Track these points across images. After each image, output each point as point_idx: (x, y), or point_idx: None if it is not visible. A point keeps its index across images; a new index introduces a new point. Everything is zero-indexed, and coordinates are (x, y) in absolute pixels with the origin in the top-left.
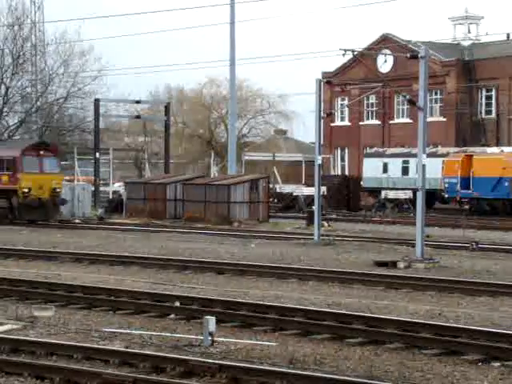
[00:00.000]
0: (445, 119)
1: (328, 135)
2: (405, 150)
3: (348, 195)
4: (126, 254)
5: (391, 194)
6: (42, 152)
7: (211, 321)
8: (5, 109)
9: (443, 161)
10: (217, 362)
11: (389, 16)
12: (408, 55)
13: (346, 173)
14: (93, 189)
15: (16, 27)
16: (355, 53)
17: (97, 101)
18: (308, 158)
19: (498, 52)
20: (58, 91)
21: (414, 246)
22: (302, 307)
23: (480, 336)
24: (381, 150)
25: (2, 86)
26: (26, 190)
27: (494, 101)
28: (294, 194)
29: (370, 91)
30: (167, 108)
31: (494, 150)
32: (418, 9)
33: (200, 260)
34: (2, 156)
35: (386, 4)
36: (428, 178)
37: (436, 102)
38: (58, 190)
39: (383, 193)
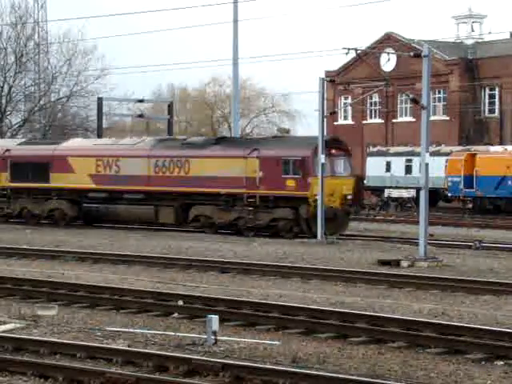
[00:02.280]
0: (448, 118)
1: (331, 134)
2: (408, 149)
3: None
4: (129, 253)
5: (394, 193)
6: (333, 151)
7: (214, 320)
8: (8, 108)
9: (446, 160)
10: (220, 360)
11: (392, 15)
12: (411, 54)
13: None
14: None
15: (19, 26)
16: (358, 52)
17: (100, 100)
18: None
19: (502, 51)
20: (61, 90)
21: (417, 244)
22: (305, 306)
23: (483, 335)
24: (384, 148)
25: (5, 85)
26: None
27: (497, 99)
28: None
29: (373, 90)
30: (170, 107)
31: (498, 148)
32: (422, 7)
33: (203, 259)
34: (288, 156)
35: (389, 3)
36: (431, 176)
37: (439, 101)
38: (349, 197)
39: (386, 191)
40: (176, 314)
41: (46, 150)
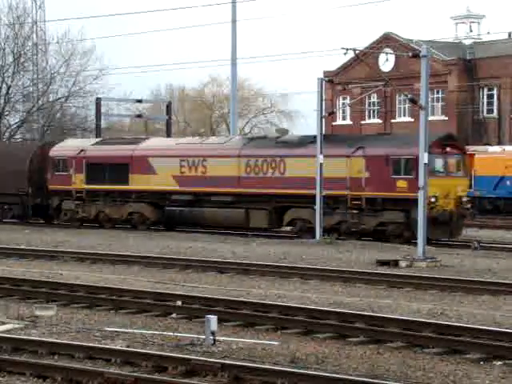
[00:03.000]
0: (446, 118)
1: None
2: None
3: None
4: (129, 254)
5: None
6: (447, 149)
7: (213, 320)
8: (6, 108)
9: None
10: (219, 361)
11: (390, 15)
12: (409, 54)
13: None
14: None
15: (17, 26)
16: (357, 52)
17: (98, 100)
18: None
19: (500, 51)
20: (60, 90)
21: (415, 244)
22: (304, 306)
23: (482, 335)
24: None
25: (4, 85)
26: (433, 200)
27: (495, 100)
28: None
29: (372, 90)
30: (169, 107)
31: (496, 148)
32: (420, 8)
33: (202, 259)
34: (399, 155)
35: (387, 3)
36: None
37: (437, 101)
38: (464, 199)
39: None
40: (175, 315)
41: (125, 150)
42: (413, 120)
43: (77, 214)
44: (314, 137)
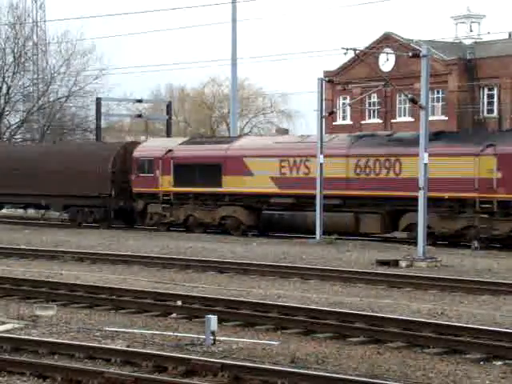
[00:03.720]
0: (446, 118)
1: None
2: None
3: None
4: (128, 253)
5: None
6: None
7: (213, 320)
8: (6, 108)
9: None
10: (219, 361)
11: (390, 15)
12: (410, 54)
13: None
14: None
15: (17, 26)
16: (357, 52)
17: (98, 100)
18: None
19: (500, 51)
20: (60, 90)
21: (415, 244)
22: (304, 306)
23: (482, 335)
24: None
25: (4, 85)
26: None
27: (495, 100)
28: None
29: (372, 90)
30: (169, 107)
31: None
32: (420, 8)
33: (202, 259)
34: None
35: (387, 3)
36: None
37: (438, 101)
38: None
39: None
40: (175, 314)
41: (217, 150)
42: (413, 120)
43: (164, 218)
44: (435, 134)
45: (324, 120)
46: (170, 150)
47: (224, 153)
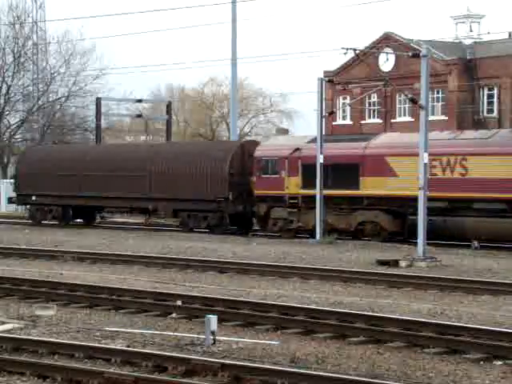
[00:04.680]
0: (446, 118)
1: (330, 134)
2: None
3: None
4: (128, 253)
5: None
6: None
7: (213, 320)
8: (6, 108)
9: None
10: (219, 360)
11: (390, 15)
12: (410, 54)
13: None
14: None
15: (17, 26)
16: (357, 51)
17: (98, 100)
18: None
19: (500, 51)
20: (60, 90)
21: (415, 244)
22: (304, 306)
23: (482, 335)
24: None
25: (4, 85)
26: None
27: (495, 99)
28: None
29: (372, 90)
30: (169, 107)
31: None
32: (420, 7)
33: (202, 259)
34: None
35: (387, 3)
36: None
37: (438, 101)
38: None
39: None
40: (175, 314)
41: (353, 149)
42: (413, 120)
43: (290, 224)
44: None
45: (324, 120)
46: (297, 149)
47: (362, 151)
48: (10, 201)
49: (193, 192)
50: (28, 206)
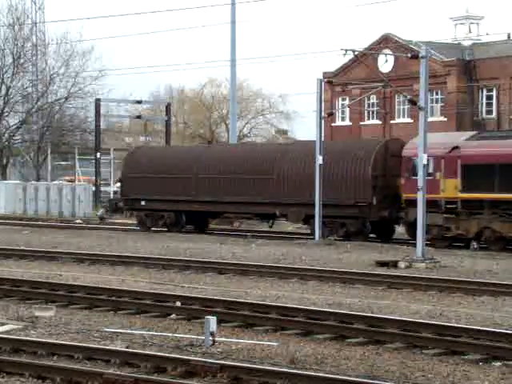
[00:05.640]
0: (445, 119)
1: (329, 135)
2: None
3: None
4: (127, 254)
5: None
6: None
7: (212, 321)
8: (5, 109)
9: None
10: (218, 362)
11: (389, 16)
12: (409, 55)
13: None
14: (94, 189)
15: (16, 27)
16: (356, 53)
17: (98, 101)
18: None
19: (499, 52)
20: (59, 91)
21: (414, 245)
22: (303, 307)
23: (481, 336)
24: None
25: (3, 86)
26: None
27: (494, 101)
28: None
29: (371, 91)
30: (168, 108)
31: None
32: (419, 9)
33: (201, 260)
34: None
35: (386, 4)
36: None
37: (437, 102)
38: None
39: None
40: (174, 315)
41: None
42: (412, 121)
43: (446, 232)
44: None
45: (323, 121)
46: (455, 148)
47: None
48: (115, 206)
49: (329, 196)
50: (135, 212)
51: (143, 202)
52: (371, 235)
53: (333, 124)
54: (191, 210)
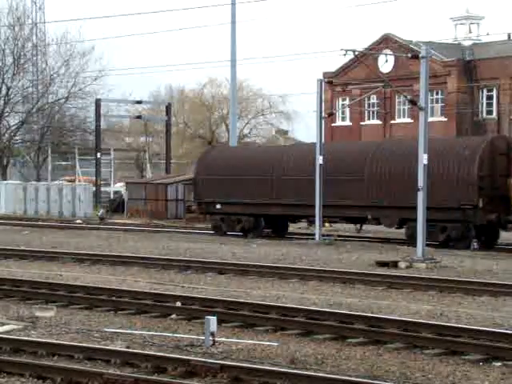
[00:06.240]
0: (446, 119)
1: (329, 135)
2: None
3: None
4: (128, 254)
5: None
6: None
7: (212, 321)
8: (6, 109)
9: None
10: (218, 362)
11: (390, 16)
12: (409, 55)
13: None
14: (94, 189)
15: (17, 27)
16: (356, 53)
17: (98, 101)
18: None
19: (499, 52)
20: (59, 91)
21: (415, 245)
22: (303, 307)
23: (481, 336)
24: None
25: (3, 87)
26: None
27: (494, 101)
28: None
29: (371, 91)
30: (168, 108)
31: None
32: (419, 9)
33: (201, 260)
34: None
35: (386, 4)
36: None
37: (437, 102)
38: None
39: None
40: (174, 316)
41: None
42: (412, 121)
43: None
44: None
45: (323, 121)
46: None
47: None
48: (188, 210)
49: (428, 198)
50: (210, 216)
51: (219, 206)
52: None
53: (333, 124)
54: (271, 214)
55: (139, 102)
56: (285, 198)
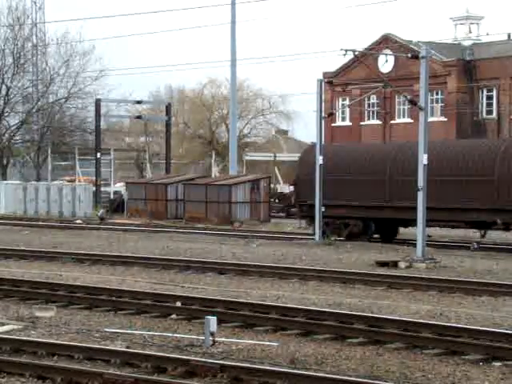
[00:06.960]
0: (446, 119)
1: (329, 135)
2: None
3: None
4: (128, 255)
5: None
6: None
7: (212, 321)
8: (6, 109)
9: None
10: (218, 362)
11: (390, 16)
12: (409, 55)
13: None
14: (94, 189)
15: (16, 27)
16: (356, 53)
17: (98, 101)
18: None
19: (499, 52)
20: (59, 91)
21: (415, 245)
22: (303, 307)
23: (481, 336)
24: None
25: (3, 87)
26: None
27: (494, 101)
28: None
29: (371, 91)
30: (168, 108)
31: None
32: (419, 9)
33: (201, 260)
34: None
35: (386, 4)
36: None
37: (437, 102)
38: None
39: None
40: (174, 316)
41: None
42: (412, 121)
43: None
44: None
45: (323, 121)
46: None
47: None
48: (287, 213)
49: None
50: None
51: (323, 209)
52: None
53: (333, 124)
54: (382, 218)
55: (139, 102)
56: (397, 200)
